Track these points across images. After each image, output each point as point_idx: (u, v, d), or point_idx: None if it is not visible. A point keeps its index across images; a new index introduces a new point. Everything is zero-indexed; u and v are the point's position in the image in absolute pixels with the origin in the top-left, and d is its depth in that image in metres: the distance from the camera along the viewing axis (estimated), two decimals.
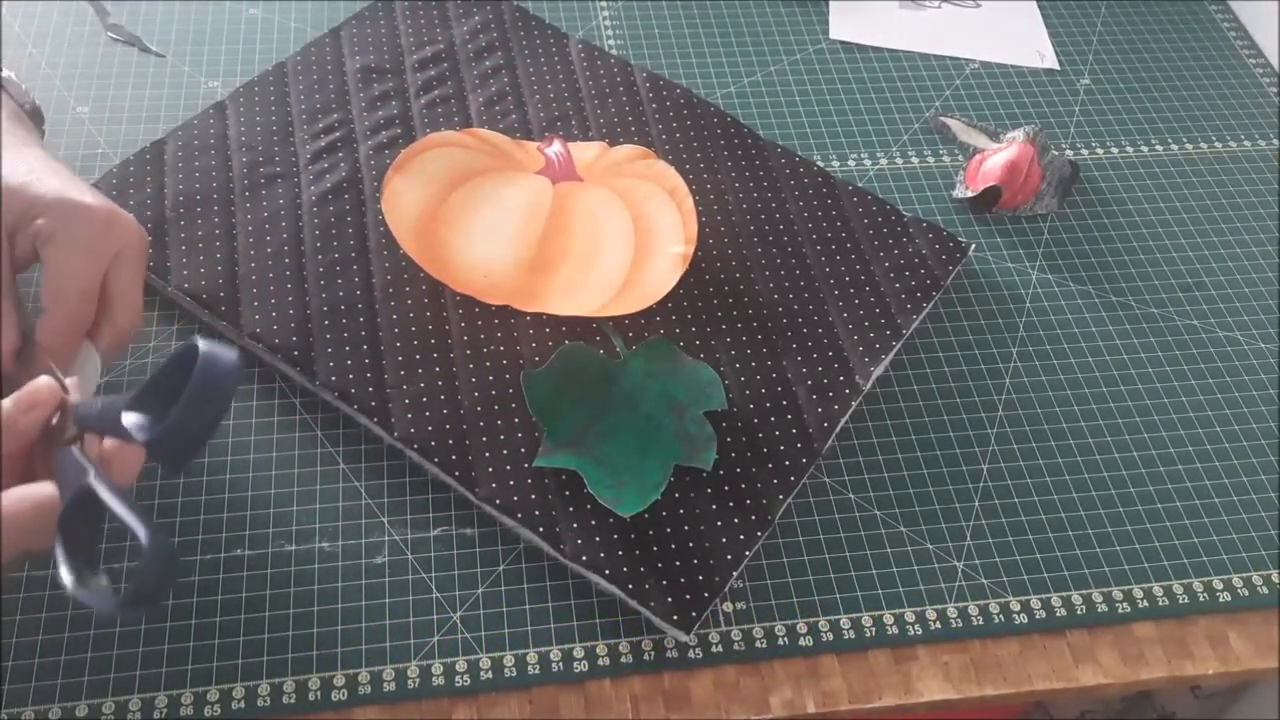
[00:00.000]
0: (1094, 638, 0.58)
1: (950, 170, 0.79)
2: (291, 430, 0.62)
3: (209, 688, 0.53)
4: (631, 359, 0.64)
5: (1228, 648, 0.58)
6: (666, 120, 0.77)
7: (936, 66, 0.87)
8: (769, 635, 0.56)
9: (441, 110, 0.76)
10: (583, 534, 0.57)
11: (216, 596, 0.55)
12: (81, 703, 0.52)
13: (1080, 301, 0.72)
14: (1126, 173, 0.80)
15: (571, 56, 0.81)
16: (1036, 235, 0.76)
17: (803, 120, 0.81)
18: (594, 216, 0.68)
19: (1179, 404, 0.67)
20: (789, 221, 0.72)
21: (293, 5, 0.85)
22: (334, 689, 0.53)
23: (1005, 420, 0.66)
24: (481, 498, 0.58)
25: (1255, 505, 0.63)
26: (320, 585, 0.56)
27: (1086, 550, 0.61)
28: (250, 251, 0.67)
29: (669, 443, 0.60)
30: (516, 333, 0.65)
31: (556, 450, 0.59)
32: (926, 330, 0.69)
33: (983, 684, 0.56)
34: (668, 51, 0.85)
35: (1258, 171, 0.81)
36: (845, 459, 0.63)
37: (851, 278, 0.69)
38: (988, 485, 0.63)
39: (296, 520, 0.58)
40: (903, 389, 0.67)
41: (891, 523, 0.61)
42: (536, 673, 0.54)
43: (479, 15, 0.83)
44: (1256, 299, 0.73)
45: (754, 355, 0.65)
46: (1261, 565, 0.61)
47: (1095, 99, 0.86)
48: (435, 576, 0.57)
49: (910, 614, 0.58)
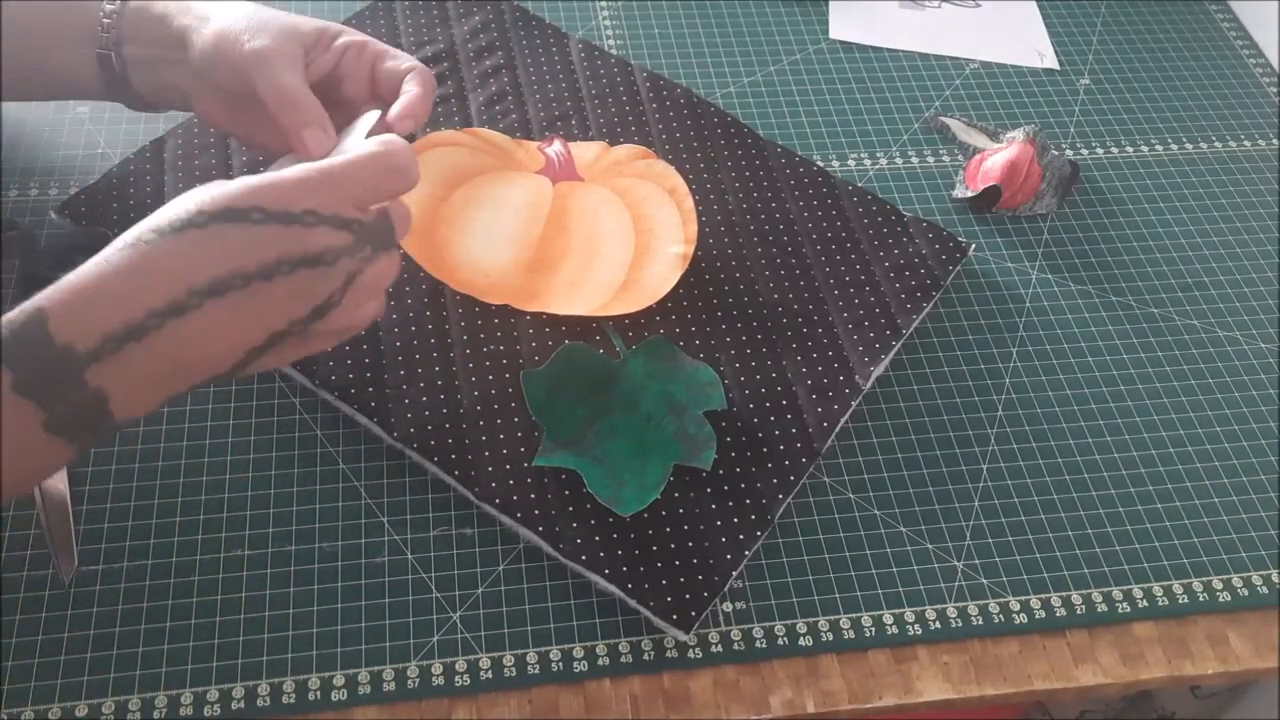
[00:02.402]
0: (1094, 638, 0.58)
1: (950, 170, 0.79)
2: (291, 430, 0.62)
3: (209, 688, 0.53)
4: (631, 359, 0.64)
5: (1227, 648, 0.58)
6: (666, 120, 0.77)
7: (936, 66, 0.87)
8: (769, 635, 0.56)
9: (442, 110, 0.76)
10: (582, 534, 0.57)
11: (216, 596, 0.56)
12: (81, 703, 0.52)
13: (1080, 301, 0.72)
14: (1126, 173, 0.80)
15: (571, 56, 0.80)
16: (1036, 235, 0.76)
17: (803, 120, 0.81)
18: (594, 216, 0.68)
19: (1179, 404, 0.67)
20: (789, 221, 0.72)
21: (292, 5, 0.85)
22: (334, 689, 0.53)
23: (1005, 420, 0.66)
24: (481, 497, 0.58)
25: (1255, 505, 0.63)
26: (320, 585, 0.56)
27: (1086, 550, 0.61)
28: None
29: (669, 442, 0.60)
30: (516, 333, 0.65)
31: (556, 450, 0.59)
32: (926, 330, 0.69)
33: (983, 684, 0.56)
34: (668, 51, 0.85)
35: (1258, 171, 0.81)
36: (845, 459, 0.63)
37: (851, 278, 0.69)
38: (988, 485, 0.63)
39: (296, 520, 0.58)
40: (903, 389, 0.67)
41: (891, 523, 0.61)
42: (536, 673, 0.54)
43: (479, 15, 0.83)
44: (1256, 299, 0.73)
45: (754, 355, 0.65)
46: (1261, 565, 0.61)
47: (1095, 99, 0.85)
48: (435, 576, 0.57)
49: (910, 614, 0.58)
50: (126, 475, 0.59)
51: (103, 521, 0.57)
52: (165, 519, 0.58)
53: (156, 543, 0.57)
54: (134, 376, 0.42)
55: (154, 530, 0.57)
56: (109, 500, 0.58)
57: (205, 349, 0.44)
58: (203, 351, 0.44)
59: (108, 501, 0.58)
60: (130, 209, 0.68)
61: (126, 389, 0.42)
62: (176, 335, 0.42)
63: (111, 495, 0.58)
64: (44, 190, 0.71)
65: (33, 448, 0.42)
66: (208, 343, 0.43)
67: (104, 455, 0.60)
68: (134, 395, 0.43)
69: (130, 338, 0.41)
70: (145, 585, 0.56)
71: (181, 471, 0.60)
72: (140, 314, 0.41)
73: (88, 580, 0.55)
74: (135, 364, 0.42)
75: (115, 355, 0.41)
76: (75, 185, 0.70)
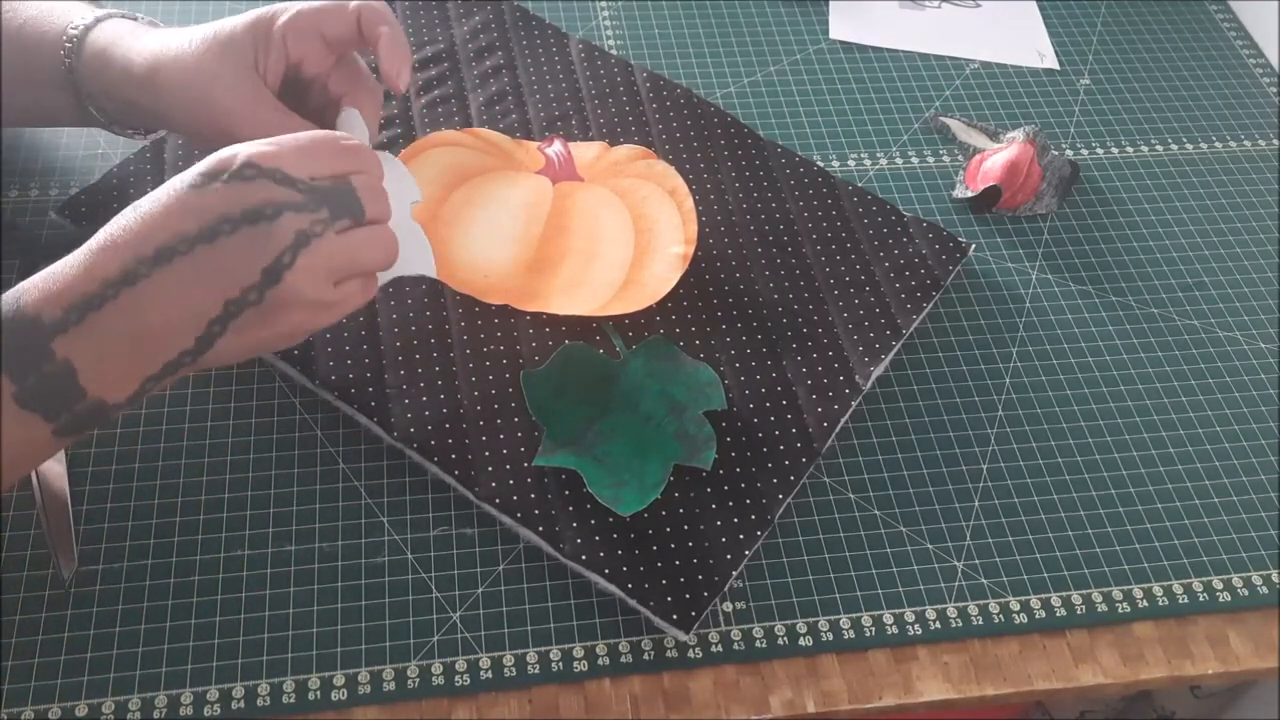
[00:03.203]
0: (1094, 638, 0.58)
1: (950, 170, 0.79)
2: (291, 430, 0.62)
3: (209, 688, 0.53)
4: (631, 359, 0.64)
5: (1227, 648, 0.58)
6: (666, 120, 0.77)
7: (936, 66, 0.87)
8: (769, 635, 0.56)
9: (442, 110, 0.76)
10: (582, 533, 0.57)
11: (216, 596, 0.56)
12: (81, 702, 0.52)
13: (1080, 301, 0.72)
14: (1126, 173, 0.80)
15: (572, 56, 0.81)
16: (1036, 235, 0.76)
17: (803, 120, 0.81)
18: (594, 216, 0.68)
19: (1179, 404, 0.67)
20: (789, 221, 0.72)
21: None
22: (334, 689, 0.53)
23: (1005, 420, 0.66)
24: (481, 497, 0.58)
25: (1255, 505, 0.63)
26: (320, 585, 0.56)
27: (1086, 550, 0.61)
28: None
29: (669, 442, 0.60)
30: (516, 333, 0.65)
31: (556, 450, 0.59)
32: (926, 330, 0.69)
33: (983, 684, 0.56)
34: (668, 51, 0.85)
35: (1258, 171, 0.81)
36: (845, 459, 0.63)
37: (851, 278, 0.69)
38: (988, 485, 0.63)
39: (296, 520, 0.58)
40: (903, 389, 0.67)
41: (891, 523, 0.61)
42: (536, 673, 0.54)
43: (479, 15, 0.83)
44: (1256, 299, 0.73)
45: (754, 355, 0.65)
46: (1261, 565, 0.61)
47: (1095, 99, 0.85)
48: (435, 576, 0.57)
49: (910, 614, 0.58)
50: (126, 475, 0.59)
51: (103, 521, 0.57)
52: (165, 519, 0.58)
53: (156, 543, 0.57)
54: (99, 348, 0.44)
55: (154, 530, 0.57)
56: (109, 500, 0.58)
57: (162, 317, 0.45)
58: (161, 320, 0.45)
59: (108, 501, 0.58)
60: None
61: (94, 360, 0.44)
62: (133, 304, 0.44)
63: (111, 495, 0.58)
64: (44, 190, 0.71)
65: (10, 426, 0.44)
66: (163, 310, 0.45)
67: (104, 455, 0.60)
68: (103, 367, 0.45)
69: (90, 307, 0.44)
70: (145, 585, 0.56)
71: (181, 471, 0.60)
72: (96, 285, 0.44)
73: (88, 580, 0.56)
74: (98, 334, 0.44)
75: (78, 325, 0.44)
76: (75, 185, 0.70)
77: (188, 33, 0.56)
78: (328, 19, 0.56)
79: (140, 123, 0.60)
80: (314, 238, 0.46)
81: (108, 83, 0.57)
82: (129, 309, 0.44)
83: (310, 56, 0.57)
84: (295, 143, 0.48)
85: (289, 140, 0.48)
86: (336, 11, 0.57)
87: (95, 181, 0.70)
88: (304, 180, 0.47)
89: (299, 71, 0.57)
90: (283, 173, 0.46)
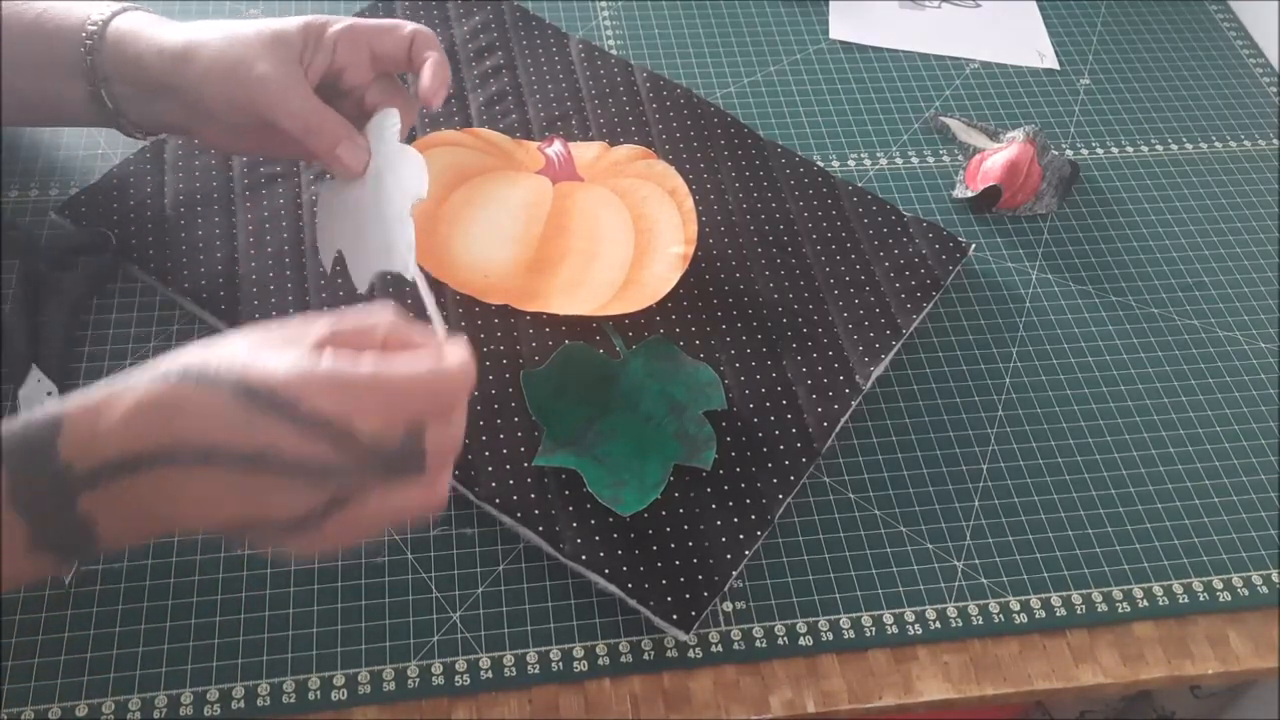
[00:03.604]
0: (1094, 638, 0.58)
1: (950, 170, 0.79)
2: None
3: (209, 687, 0.53)
4: (631, 359, 0.64)
5: (1227, 648, 0.58)
6: (666, 120, 0.77)
7: (936, 66, 0.87)
8: (769, 635, 0.56)
9: (442, 110, 0.76)
10: (582, 533, 0.57)
11: (216, 596, 0.55)
12: (81, 702, 0.52)
13: (1080, 301, 0.72)
14: (1126, 173, 0.80)
15: (572, 56, 0.80)
16: (1036, 235, 0.76)
17: (803, 120, 0.81)
18: (594, 216, 0.68)
19: (1179, 404, 0.67)
20: (789, 221, 0.72)
21: (293, 5, 0.85)
22: (334, 689, 0.53)
23: (1005, 420, 0.66)
24: (481, 497, 0.58)
25: (1255, 505, 0.63)
26: (320, 585, 0.56)
27: (1086, 550, 0.61)
28: (250, 251, 0.67)
29: (669, 442, 0.60)
30: (516, 333, 0.65)
31: (556, 450, 0.59)
32: (926, 330, 0.69)
33: (983, 684, 0.56)
34: (668, 51, 0.85)
35: (1258, 171, 0.81)
36: (845, 459, 0.63)
37: (851, 278, 0.69)
38: (988, 485, 0.63)
39: None
40: (903, 389, 0.67)
41: (891, 523, 0.61)
42: (536, 672, 0.54)
43: (479, 15, 0.83)
44: (1256, 299, 0.73)
45: (754, 355, 0.65)
46: (1261, 565, 0.61)
47: (1095, 99, 0.85)
48: (435, 576, 0.57)
49: (910, 614, 0.58)
50: None
51: None
52: None
53: (156, 543, 0.57)
54: (123, 511, 0.40)
55: None
56: None
57: (189, 507, 0.40)
58: (190, 510, 0.40)
59: None
60: (130, 209, 0.68)
61: (114, 521, 0.40)
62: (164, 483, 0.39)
63: None
64: (44, 190, 0.71)
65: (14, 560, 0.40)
66: (190, 503, 0.40)
67: None
68: (120, 528, 0.41)
69: (125, 470, 0.39)
70: (145, 585, 0.56)
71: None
72: (136, 449, 0.39)
73: (88, 580, 0.55)
74: (125, 499, 0.39)
75: (109, 484, 0.39)
76: (75, 185, 0.70)
77: (228, 22, 0.57)
78: (382, 36, 0.58)
79: (150, 111, 0.60)
80: (351, 501, 0.41)
81: (132, 62, 0.57)
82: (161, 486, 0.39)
83: (354, 67, 0.58)
84: (374, 382, 0.40)
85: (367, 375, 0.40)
86: (391, 30, 0.59)
87: (95, 181, 0.70)
88: (369, 435, 0.39)
89: (339, 79, 0.58)
90: (349, 431, 0.39)
